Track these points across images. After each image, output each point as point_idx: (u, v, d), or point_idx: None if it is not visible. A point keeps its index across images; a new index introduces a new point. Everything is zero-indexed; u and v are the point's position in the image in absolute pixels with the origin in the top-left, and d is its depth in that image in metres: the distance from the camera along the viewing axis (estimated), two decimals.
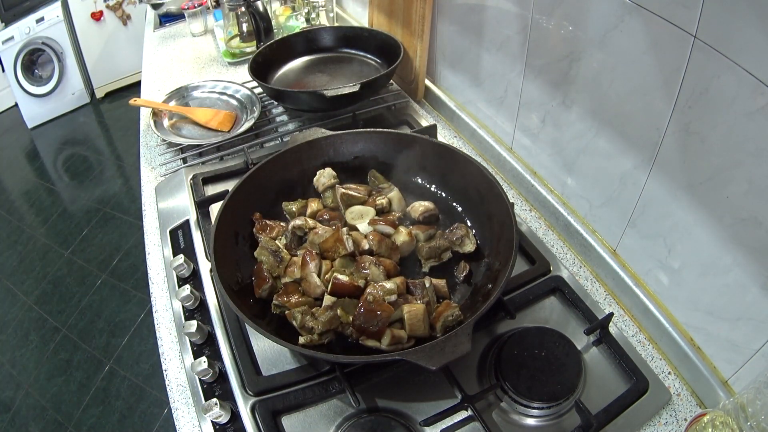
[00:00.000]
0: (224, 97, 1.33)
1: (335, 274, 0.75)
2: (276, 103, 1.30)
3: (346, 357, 0.68)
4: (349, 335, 0.73)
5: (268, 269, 0.79)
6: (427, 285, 0.76)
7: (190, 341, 0.78)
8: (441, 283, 0.78)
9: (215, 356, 0.76)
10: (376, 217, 0.86)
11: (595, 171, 0.84)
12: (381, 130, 0.96)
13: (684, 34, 0.59)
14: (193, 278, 0.88)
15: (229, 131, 1.21)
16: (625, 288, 0.81)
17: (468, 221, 0.89)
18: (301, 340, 0.70)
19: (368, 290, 0.74)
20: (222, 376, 0.73)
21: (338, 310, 0.72)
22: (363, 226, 0.87)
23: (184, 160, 1.16)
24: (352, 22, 1.68)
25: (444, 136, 1.20)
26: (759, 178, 0.56)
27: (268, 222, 0.86)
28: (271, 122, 1.27)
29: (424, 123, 1.20)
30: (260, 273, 0.78)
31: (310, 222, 0.85)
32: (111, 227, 2.71)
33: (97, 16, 3.57)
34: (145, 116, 1.32)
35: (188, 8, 1.76)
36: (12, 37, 3.34)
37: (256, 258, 0.81)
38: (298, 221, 0.85)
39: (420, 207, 0.89)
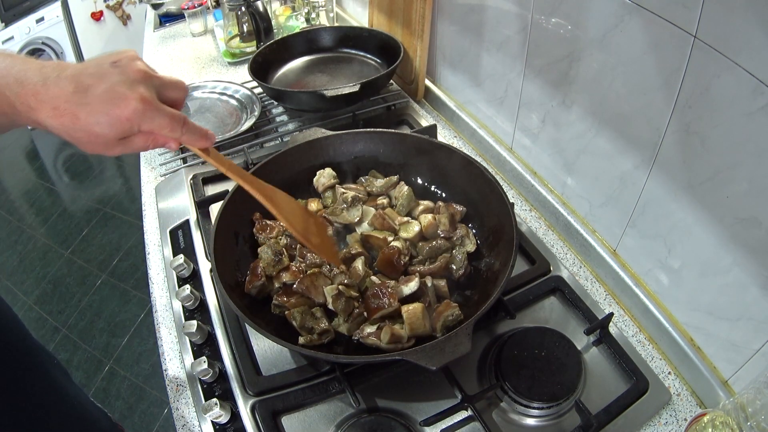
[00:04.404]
0: (224, 97, 1.33)
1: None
2: (276, 103, 1.30)
3: (346, 357, 0.68)
4: (357, 307, 0.74)
5: (263, 267, 0.78)
6: (429, 285, 0.76)
7: (190, 341, 0.78)
8: (441, 283, 0.78)
9: (215, 356, 0.76)
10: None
11: (595, 171, 0.84)
12: (381, 130, 0.96)
13: (684, 34, 0.59)
14: (193, 278, 0.88)
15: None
16: (625, 288, 0.81)
17: (468, 221, 0.89)
18: (301, 340, 0.70)
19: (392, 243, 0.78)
20: (222, 376, 0.73)
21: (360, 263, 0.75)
22: (364, 227, 0.87)
23: (184, 160, 1.16)
24: (352, 22, 1.68)
25: (444, 136, 1.20)
26: (759, 178, 0.56)
27: (268, 222, 0.86)
28: (271, 122, 1.27)
29: (424, 123, 1.20)
30: (255, 270, 0.78)
31: None
32: (111, 227, 2.71)
33: (97, 16, 3.57)
34: None
35: (188, 8, 1.76)
36: (12, 37, 3.34)
37: (257, 255, 0.81)
38: None
39: (420, 206, 0.89)
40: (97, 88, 0.48)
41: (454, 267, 0.81)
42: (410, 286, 0.74)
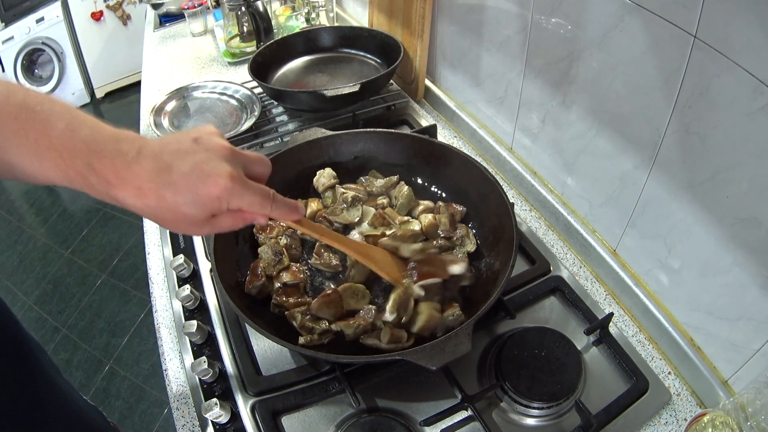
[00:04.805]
0: (224, 98, 1.33)
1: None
2: (276, 103, 1.30)
3: (346, 357, 0.68)
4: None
5: (263, 267, 0.78)
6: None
7: (190, 341, 0.78)
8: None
9: (215, 356, 0.76)
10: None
11: (595, 171, 0.84)
12: (381, 130, 0.96)
13: (684, 34, 0.59)
14: (193, 278, 0.88)
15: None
16: (625, 288, 0.81)
17: (468, 221, 0.89)
18: (301, 340, 0.70)
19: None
20: (222, 376, 0.73)
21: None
22: (364, 227, 0.87)
23: None
24: (352, 22, 1.68)
25: (444, 136, 1.20)
26: (759, 178, 0.56)
27: (268, 222, 0.86)
28: (271, 122, 1.27)
29: (424, 123, 1.20)
30: (255, 269, 0.78)
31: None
32: (111, 227, 2.71)
33: (97, 16, 3.57)
34: (145, 116, 1.32)
35: (188, 8, 1.76)
36: (12, 37, 3.34)
37: (257, 255, 0.81)
38: None
39: (420, 206, 0.89)
40: (182, 167, 0.45)
41: None
42: (457, 267, 0.74)
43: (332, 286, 0.77)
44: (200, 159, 0.46)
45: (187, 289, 0.81)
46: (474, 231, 0.86)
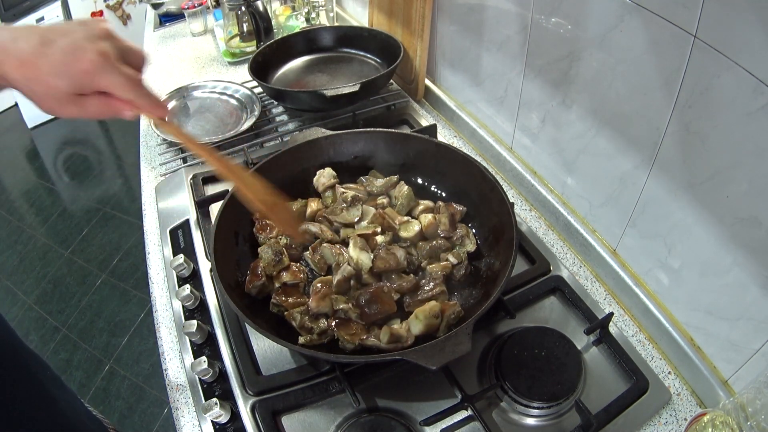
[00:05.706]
0: (224, 97, 1.33)
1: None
2: (276, 102, 1.30)
3: (346, 357, 0.68)
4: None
5: (263, 267, 0.78)
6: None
7: (190, 341, 0.78)
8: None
9: (215, 356, 0.76)
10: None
11: (595, 171, 0.84)
12: (381, 130, 0.96)
13: (684, 34, 0.59)
14: (193, 278, 0.88)
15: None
16: (625, 288, 0.81)
17: (468, 221, 0.89)
18: (301, 339, 0.70)
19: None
20: (222, 376, 0.73)
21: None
22: (363, 226, 0.87)
23: (184, 160, 1.16)
24: (352, 22, 1.68)
25: (444, 135, 1.20)
26: (759, 178, 0.56)
27: (268, 222, 0.86)
28: (271, 122, 1.27)
29: (424, 123, 1.19)
30: (255, 269, 0.78)
31: (328, 234, 0.84)
32: (111, 227, 2.70)
33: (97, 16, 3.58)
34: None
35: (188, 8, 1.76)
36: None
37: (257, 255, 0.81)
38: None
39: (420, 206, 0.89)
40: (60, 42, 0.49)
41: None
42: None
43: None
44: (79, 36, 0.50)
45: (187, 289, 0.81)
46: (474, 231, 0.86)
